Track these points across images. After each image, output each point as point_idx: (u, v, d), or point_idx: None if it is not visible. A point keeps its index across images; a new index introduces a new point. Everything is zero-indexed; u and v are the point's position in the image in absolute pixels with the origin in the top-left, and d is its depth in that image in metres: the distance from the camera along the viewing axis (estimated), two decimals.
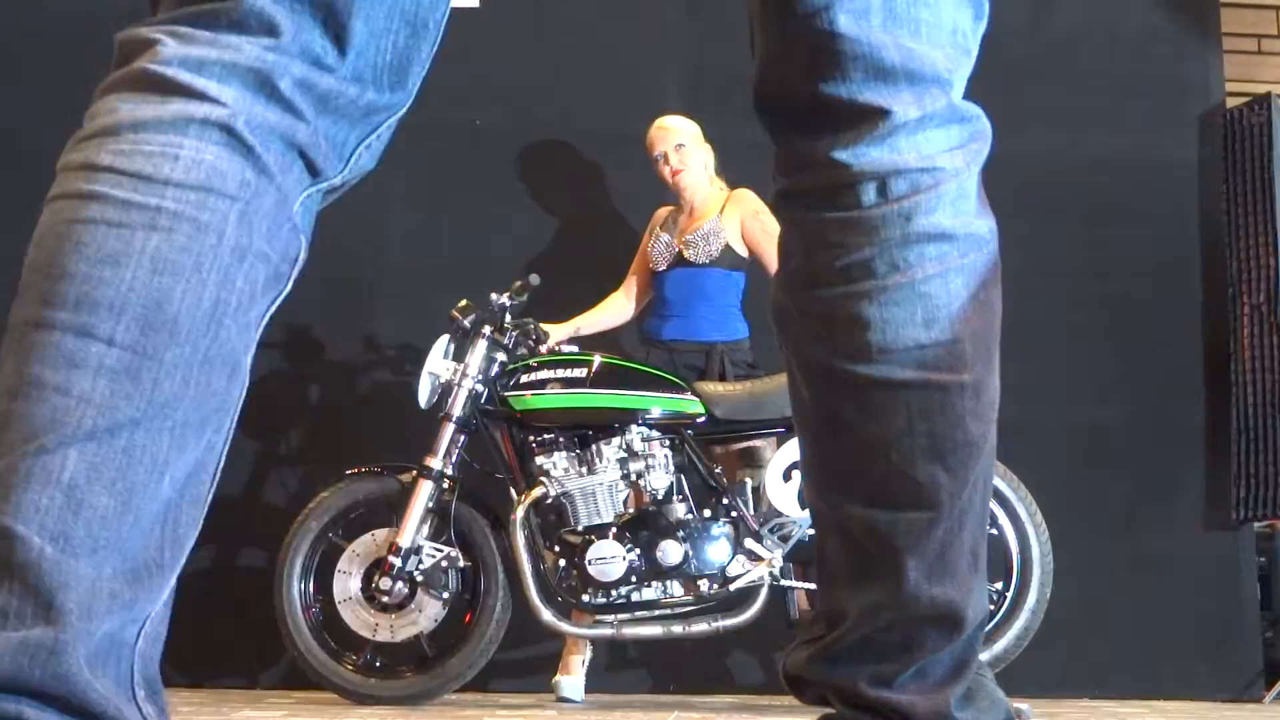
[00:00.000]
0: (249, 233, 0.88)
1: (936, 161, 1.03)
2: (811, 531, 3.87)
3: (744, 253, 4.25)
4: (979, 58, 1.09)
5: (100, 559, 0.80)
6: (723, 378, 4.14)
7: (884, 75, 1.02)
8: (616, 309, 4.49)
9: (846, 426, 1.04)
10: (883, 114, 1.02)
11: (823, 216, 1.04)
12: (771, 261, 4.18)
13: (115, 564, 0.81)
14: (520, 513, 3.88)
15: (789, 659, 1.12)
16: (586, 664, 4.22)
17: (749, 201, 4.25)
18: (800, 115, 1.05)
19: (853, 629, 1.05)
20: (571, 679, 4.15)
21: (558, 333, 4.32)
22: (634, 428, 3.93)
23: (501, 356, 4.05)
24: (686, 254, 4.25)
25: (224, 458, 0.90)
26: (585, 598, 3.85)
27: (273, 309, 0.93)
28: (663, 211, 4.45)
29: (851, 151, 1.03)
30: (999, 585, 3.94)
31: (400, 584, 3.85)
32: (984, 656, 3.81)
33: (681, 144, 4.32)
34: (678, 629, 3.93)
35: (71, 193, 0.87)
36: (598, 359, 4.01)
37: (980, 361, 1.05)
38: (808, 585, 3.93)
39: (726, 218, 4.24)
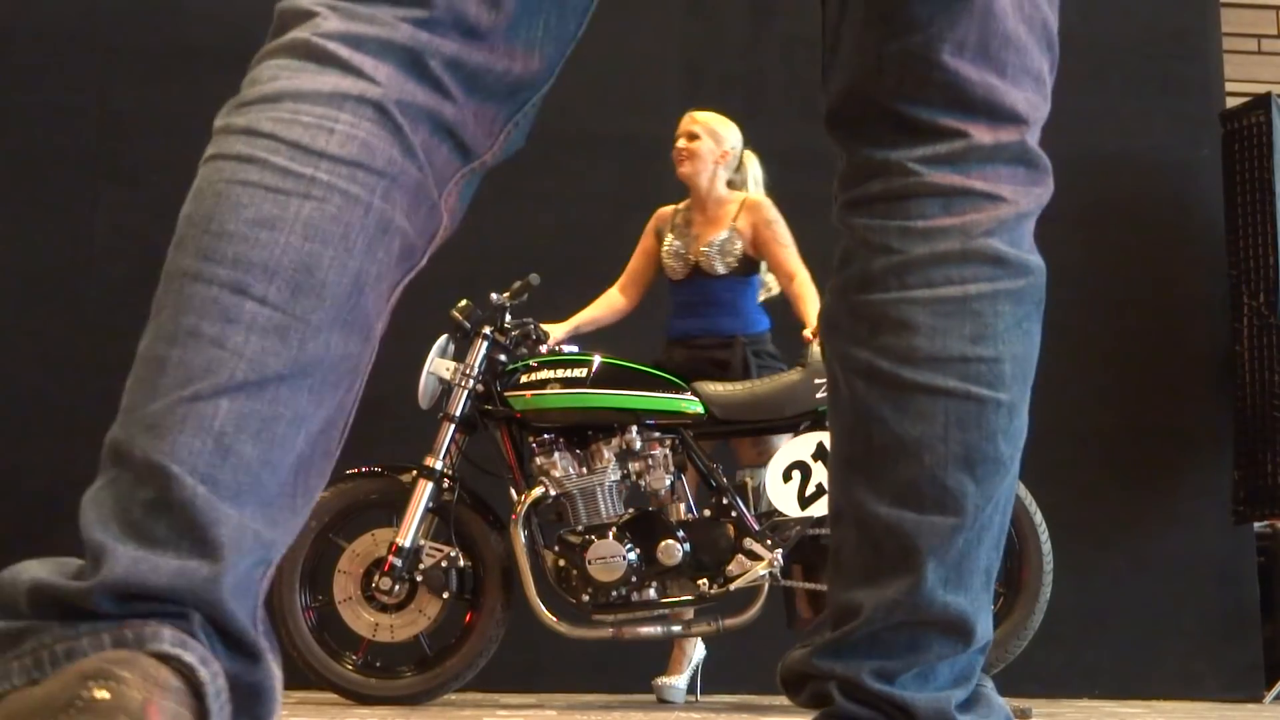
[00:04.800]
0: (392, 208, 0.93)
1: (1001, 191, 1.09)
2: (812, 531, 3.89)
3: (757, 257, 4.26)
4: None
5: (242, 503, 0.86)
6: (746, 367, 4.15)
7: (966, 105, 1.08)
8: (613, 307, 4.48)
9: (883, 426, 1.08)
10: (960, 135, 1.08)
11: (885, 224, 1.09)
12: (782, 271, 4.19)
13: (254, 509, 0.87)
14: (520, 513, 3.88)
15: (788, 659, 1.15)
16: (694, 664, 4.25)
17: (762, 210, 4.23)
18: (877, 127, 1.11)
19: (864, 625, 1.08)
20: (671, 680, 4.19)
21: (557, 332, 4.32)
22: (634, 428, 3.93)
23: (501, 356, 4.05)
24: (703, 265, 4.25)
25: (353, 416, 0.97)
26: (585, 598, 3.85)
27: (405, 281, 0.99)
28: (666, 211, 4.43)
29: (925, 164, 1.09)
30: (999, 585, 3.95)
31: (400, 584, 3.85)
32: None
33: (695, 134, 4.31)
34: (678, 629, 3.93)
35: (232, 154, 0.91)
36: (598, 359, 4.01)
37: (1017, 385, 1.09)
38: (808, 585, 3.93)
39: (740, 227, 4.24)
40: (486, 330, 4.04)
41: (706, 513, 3.91)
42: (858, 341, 1.10)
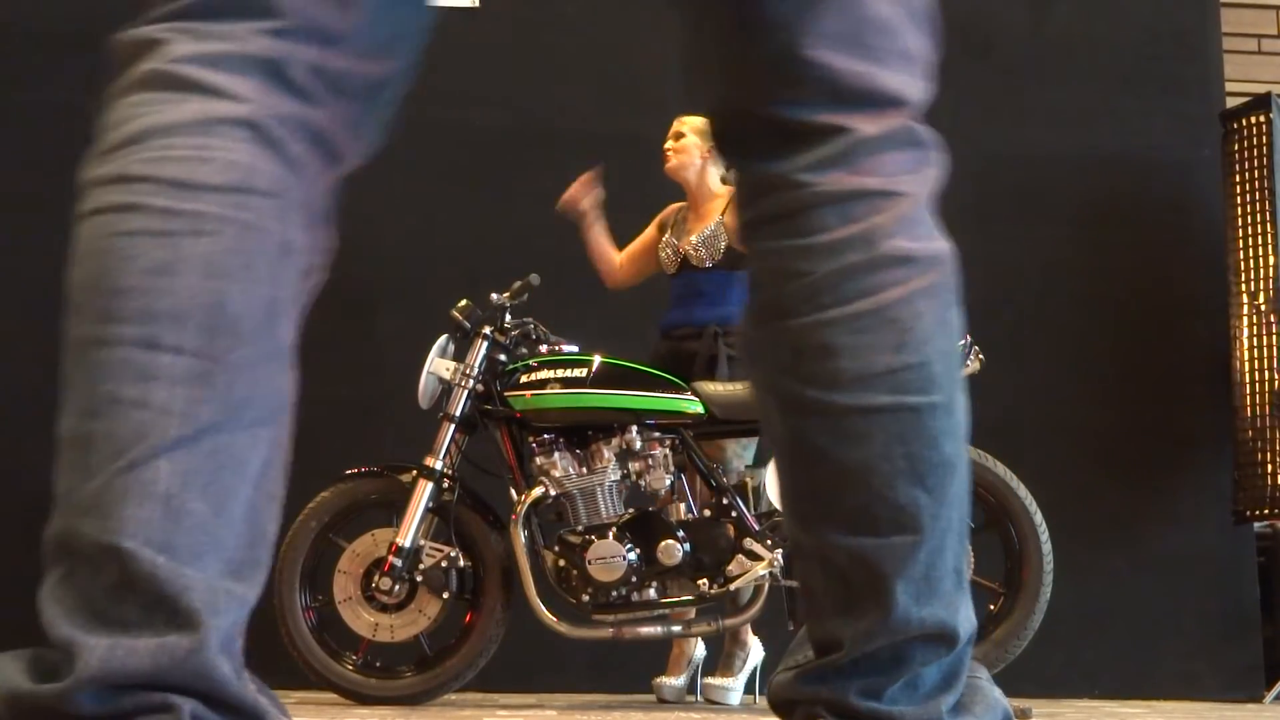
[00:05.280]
0: (288, 228, 0.89)
1: (896, 185, 1.04)
2: None
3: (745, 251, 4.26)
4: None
5: (205, 564, 0.82)
6: (714, 359, 4.14)
7: (843, 98, 1.03)
8: (612, 265, 4.49)
9: (823, 455, 1.04)
10: (841, 131, 1.04)
11: (786, 245, 1.05)
12: None
13: (218, 566, 0.83)
14: (520, 513, 3.88)
15: (774, 682, 1.12)
16: (693, 663, 4.25)
17: None
18: (759, 138, 1.06)
19: (845, 655, 1.06)
20: (671, 680, 4.20)
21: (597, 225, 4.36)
22: (634, 428, 3.93)
23: (501, 356, 4.06)
24: (691, 258, 4.28)
25: (286, 451, 0.92)
26: (585, 598, 3.85)
27: (306, 299, 0.95)
28: (673, 208, 4.48)
29: (813, 172, 1.04)
30: (999, 585, 3.95)
31: (400, 584, 3.85)
32: (980, 654, 3.82)
33: (680, 134, 4.37)
34: (678, 629, 3.93)
35: (109, 206, 0.87)
36: (598, 359, 4.01)
37: (948, 381, 1.05)
38: None
39: (726, 221, 4.26)
40: (486, 330, 4.05)
41: (706, 513, 3.91)
42: (782, 371, 1.06)
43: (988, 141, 5.04)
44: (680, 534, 3.85)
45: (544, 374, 3.99)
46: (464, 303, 4.09)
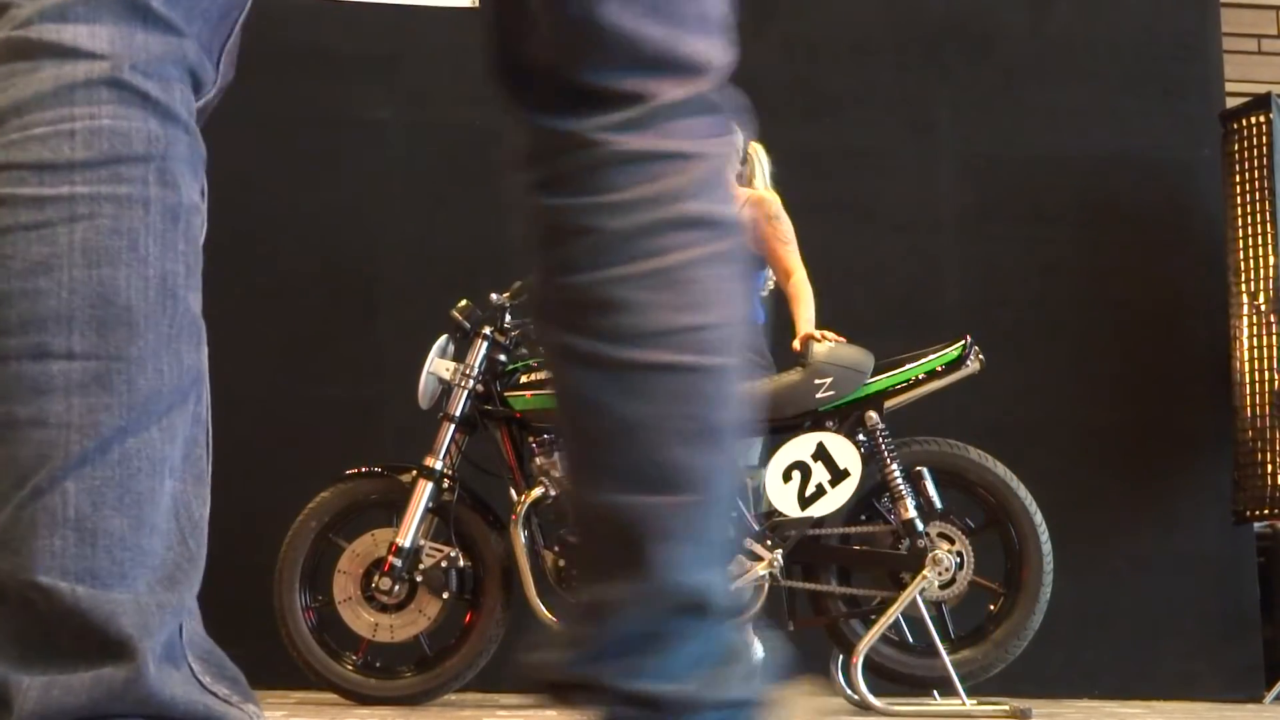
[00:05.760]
0: (175, 190, 0.82)
1: (693, 148, 1.03)
2: (812, 531, 3.89)
3: (758, 252, 4.25)
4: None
5: (131, 581, 0.78)
6: None
7: (645, 63, 1.01)
8: None
9: (605, 410, 1.02)
10: (644, 97, 1.01)
11: (579, 202, 1.03)
12: (779, 267, 4.18)
13: (147, 578, 0.79)
14: (520, 513, 3.88)
15: (537, 662, 1.07)
16: None
17: (765, 206, 4.23)
18: (559, 99, 1.04)
19: (611, 622, 1.02)
20: None
21: None
22: None
23: (501, 356, 4.06)
24: None
25: (210, 420, 0.87)
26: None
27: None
28: None
29: (612, 133, 1.02)
30: (999, 585, 3.95)
31: (400, 584, 3.86)
32: (980, 654, 3.82)
33: None
34: None
35: None
36: None
37: (732, 348, 1.04)
38: (808, 585, 3.93)
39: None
40: (486, 330, 4.05)
41: None
42: (570, 327, 1.04)
43: (988, 141, 5.04)
44: None
45: (544, 374, 3.99)
46: (464, 303, 4.09)
